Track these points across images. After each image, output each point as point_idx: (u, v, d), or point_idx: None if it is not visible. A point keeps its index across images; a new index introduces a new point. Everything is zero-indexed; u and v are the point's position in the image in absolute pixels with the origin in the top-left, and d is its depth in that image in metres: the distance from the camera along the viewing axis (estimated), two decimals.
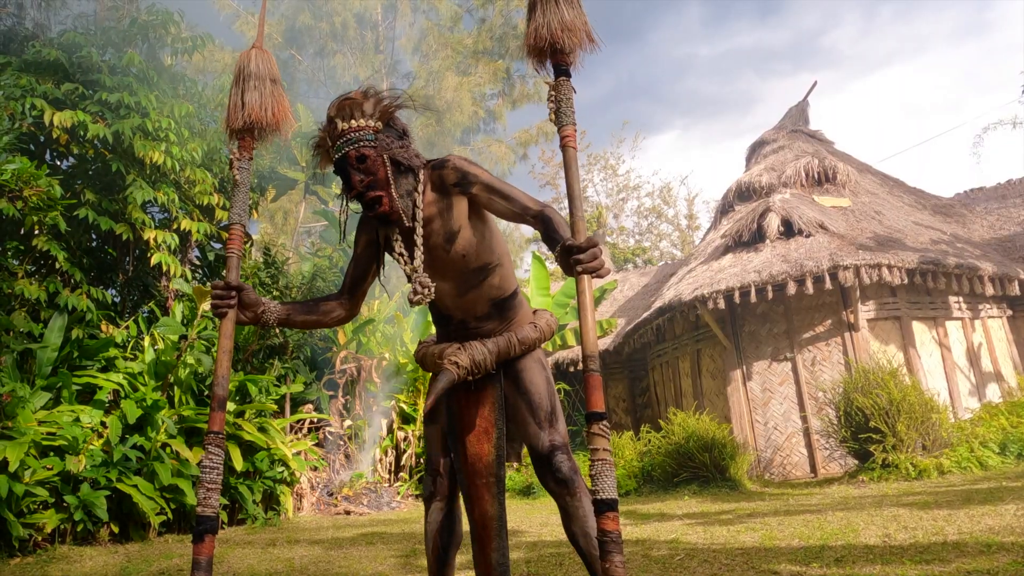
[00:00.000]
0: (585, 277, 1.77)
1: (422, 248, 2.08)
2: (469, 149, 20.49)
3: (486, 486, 2.17)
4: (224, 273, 2.19)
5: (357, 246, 2.25)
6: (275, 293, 10.08)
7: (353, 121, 2.06)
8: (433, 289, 2.08)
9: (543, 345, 2.35)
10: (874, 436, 6.77)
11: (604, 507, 1.62)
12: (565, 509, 2.07)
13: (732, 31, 60.43)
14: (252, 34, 19.75)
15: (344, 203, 2.18)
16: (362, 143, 2.04)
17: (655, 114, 59.95)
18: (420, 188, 2.09)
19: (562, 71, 1.97)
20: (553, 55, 1.96)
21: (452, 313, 2.23)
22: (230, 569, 4.56)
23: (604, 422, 1.70)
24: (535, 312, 2.36)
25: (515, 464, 11.23)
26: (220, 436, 2.00)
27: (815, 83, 13.20)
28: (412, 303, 2.10)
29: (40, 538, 5.65)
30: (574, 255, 1.76)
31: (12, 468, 5.29)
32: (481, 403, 2.21)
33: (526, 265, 21.19)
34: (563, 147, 1.92)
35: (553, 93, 1.95)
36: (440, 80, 18.92)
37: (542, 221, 2.00)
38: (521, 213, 2.04)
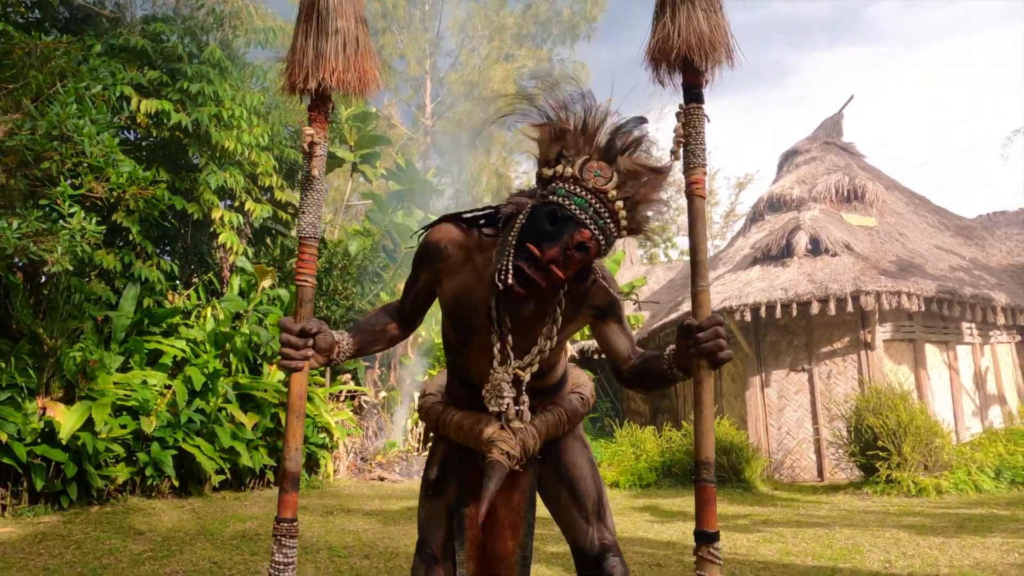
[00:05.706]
0: (705, 365, 1.47)
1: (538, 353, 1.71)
2: (509, 136, 20.88)
3: None
4: (295, 310, 1.63)
5: (417, 279, 1.79)
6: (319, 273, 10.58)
7: (625, 210, 1.51)
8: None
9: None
10: (880, 454, 7.29)
11: None
12: None
13: None
14: None
15: (510, 241, 1.50)
16: (610, 242, 1.54)
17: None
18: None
19: (694, 95, 1.54)
20: (684, 72, 1.54)
21: (481, 385, 1.77)
22: (300, 536, 5.14)
23: (716, 545, 1.40)
24: (574, 375, 1.98)
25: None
26: (294, 524, 1.56)
27: (851, 97, 13.50)
28: (487, 404, 1.71)
29: (112, 488, 6.29)
30: (693, 334, 1.47)
31: (97, 428, 5.89)
32: (510, 488, 1.77)
33: None
34: (689, 195, 1.48)
35: (682, 123, 1.52)
36: (487, 71, 19.23)
37: (638, 355, 1.76)
38: (628, 352, 1.77)
